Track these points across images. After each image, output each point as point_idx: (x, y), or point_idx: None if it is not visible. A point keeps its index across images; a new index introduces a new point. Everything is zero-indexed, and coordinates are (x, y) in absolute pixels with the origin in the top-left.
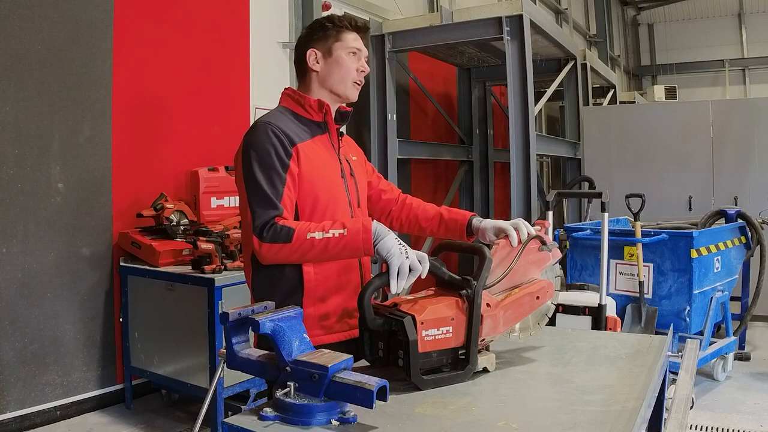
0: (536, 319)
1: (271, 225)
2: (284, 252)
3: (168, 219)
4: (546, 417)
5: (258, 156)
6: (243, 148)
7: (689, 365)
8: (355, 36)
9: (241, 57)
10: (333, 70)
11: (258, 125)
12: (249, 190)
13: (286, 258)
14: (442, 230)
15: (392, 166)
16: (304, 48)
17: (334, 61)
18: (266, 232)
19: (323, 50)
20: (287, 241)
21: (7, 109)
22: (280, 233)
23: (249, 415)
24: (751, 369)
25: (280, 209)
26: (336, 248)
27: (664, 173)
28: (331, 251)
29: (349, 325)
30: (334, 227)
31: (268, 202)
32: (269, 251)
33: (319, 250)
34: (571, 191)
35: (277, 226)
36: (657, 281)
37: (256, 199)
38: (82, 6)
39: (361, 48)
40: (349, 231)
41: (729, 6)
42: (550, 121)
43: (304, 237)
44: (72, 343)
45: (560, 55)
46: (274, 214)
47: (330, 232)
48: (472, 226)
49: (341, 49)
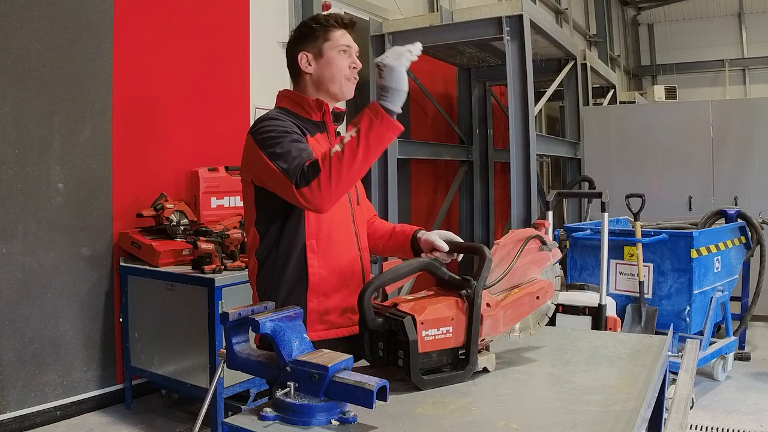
0: (536, 319)
1: (301, 171)
2: (322, 185)
3: (168, 219)
4: (546, 417)
5: (276, 130)
6: (254, 132)
7: (689, 365)
8: (343, 32)
9: (241, 57)
10: (326, 71)
11: (262, 117)
12: (273, 158)
13: (326, 189)
14: (391, 243)
15: (392, 166)
16: (294, 51)
17: (325, 61)
18: (300, 180)
19: (314, 52)
20: (317, 172)
21: (7, 109)
22: (309, 171)
23: (249, 415)
24: (751, 369)
25: (306, 156)
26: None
27: (664, 173)
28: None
29: (351, 320)
30: (348, 131)
31: (296, 158)
32: (310, 193)
33: (348, 157)
34: (571, 191)
35: (305, 167)
36: (657, 281)
37: (284, 161)
38: (82, 6)
39: (350, 44)
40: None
41: (729, 6)
42: (550, 121)
43: (329, 156)
44: (72, 343)
45: (560, 55)
46: (300, 161)
47: (347, 136)
48: (417, 237)
49: (331, 48)
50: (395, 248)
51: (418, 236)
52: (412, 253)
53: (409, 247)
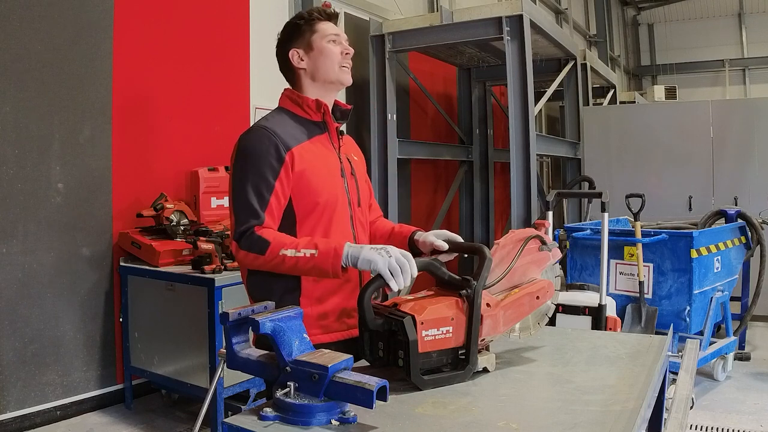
0: (536, 319)
1: (249, 233)
2: (258, 262)
3: (168, 219)
4: (546, 417)
5: (249, 162)
6: (236, 151)
7: (689, 365)
8: (329, 23)
9: (241, 57)
10: (319, 61)
11: (253, 129)
12: (234, 194)
13: (260, 267)
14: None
15: (392, 166)
16: (285, 51)
17: (317, 52)
18: (244, 240)
19: (303, 46)
20: (261, 253)
21: (7, 109)
22: (256, 243)
23: (249, 415)
24: (751, 369)
25: (261, 218)
26: (305, 267)
27: (664, 173)
28: (301, 269)
29: (347, 324)
30: (307, 246)
31: (250, 210)
32: (245, 258)
33: (290, 266)
34: (571, 191)
35: (255, 236)
36: (657, 281)
37: (240, 204)
38: (82, 6)
39: (338, 33)
40: (320, 253)
41: (729, 6)
42: (550, 121)
43: (277, 252)
44: (72, 343)
45: (560, 55)
46: (254, 223)
47: (302, 252)
48: (414, 238)
49: (320, 39)
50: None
51: (415, 238)
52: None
53: (407, 249)
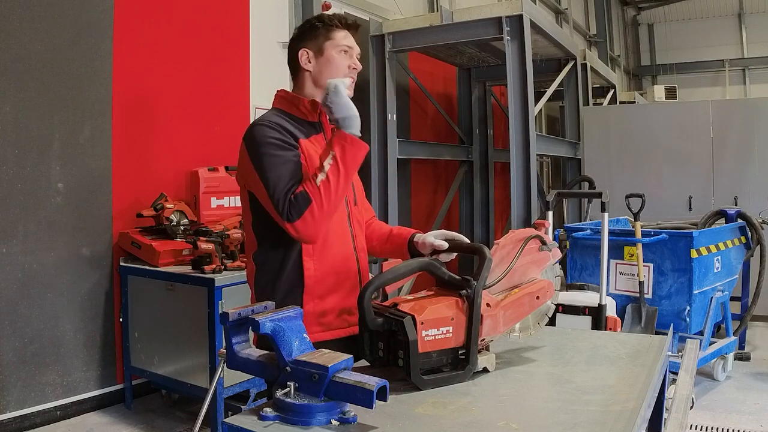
0: (536, 319)
1: (290, 204)
2: (317, 212)
3: (168, 219)
4: (546, 417)
5: (265, 146)
6: (247, 144)
7: (689, 365)
8: (346, 33)
9: (241, 57)
10: (325, 69)
11: (255, 124)
12: (264, 182)
13: (321, 215)
14: (388, 246)
15: (392, 166)
16: (295, 48)
17: (325, 60)
18: (292, 214)
19: (314, 49)
20: (309, 202)
21: (7, 109)
22: (299, 202)
23: (249, 415)
24: (751, 369)
25: (296, 180)
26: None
27: (664, 173)
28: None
29: (348, 322)
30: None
31: (282, 187)
32: (305, 225)
33: (334, 183)
34: (571, 191)
35: (294, 199)
36: (657, 281)
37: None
38: (82, 6)
39: (352, 45)
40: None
41: (729, 6)
42: (550, 121)
43: (317, 185)
44: (72, 343)
45: (560, 55)
46: (289, 189)
47: (326, 164)
48: (414, 240)
49: (332, 47)
50: (392, 251)
51: (415, 240)
52: (409, 256)
53: (407, 251)
